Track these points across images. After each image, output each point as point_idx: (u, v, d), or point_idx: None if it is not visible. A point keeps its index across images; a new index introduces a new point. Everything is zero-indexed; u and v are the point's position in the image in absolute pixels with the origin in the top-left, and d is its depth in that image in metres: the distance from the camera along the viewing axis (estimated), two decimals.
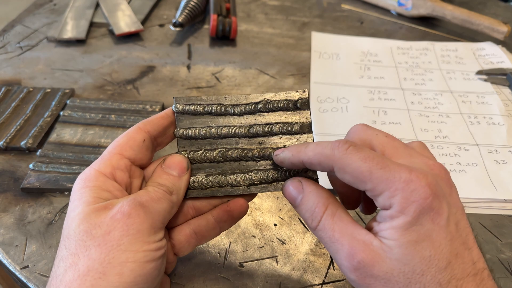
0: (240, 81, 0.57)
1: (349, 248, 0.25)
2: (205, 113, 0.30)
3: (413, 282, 0.24)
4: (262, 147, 0.30)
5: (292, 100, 0.31)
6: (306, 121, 0.30)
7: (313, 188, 0.27)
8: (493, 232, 0.38)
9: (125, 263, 0.24)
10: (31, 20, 0.68)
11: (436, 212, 0.24)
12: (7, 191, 0.40)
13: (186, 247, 0.30)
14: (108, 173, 0.27)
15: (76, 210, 0.26)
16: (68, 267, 0.24)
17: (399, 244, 0.24)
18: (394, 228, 0.24)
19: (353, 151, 0.25)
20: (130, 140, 0.29)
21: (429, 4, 0.71)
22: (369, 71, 0.60)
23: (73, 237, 0.25)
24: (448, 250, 0.24)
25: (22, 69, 0.57)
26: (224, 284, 0.33)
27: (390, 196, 0.24)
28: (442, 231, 0.24)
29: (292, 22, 0.73)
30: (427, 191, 0.24)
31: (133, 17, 0.68)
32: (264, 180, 0.30)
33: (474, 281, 0.24)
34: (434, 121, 0.51)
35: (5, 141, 0.44)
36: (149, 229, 0.25)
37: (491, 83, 0.58)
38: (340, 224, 0.26)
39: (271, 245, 0.36)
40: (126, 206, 0.25)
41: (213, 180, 0.29)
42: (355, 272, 0.25)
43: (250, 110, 0.31)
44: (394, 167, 0.24)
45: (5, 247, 0.35)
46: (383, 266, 0.24)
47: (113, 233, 0.24)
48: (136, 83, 0.55)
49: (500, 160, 0.45)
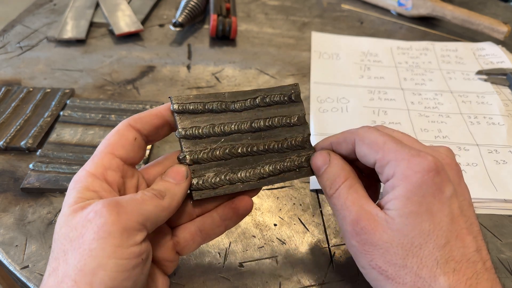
0: (240, 81, 0.57)
1: (355, 215, 0.26)
2: (206, 111, 0.30)
3: (410, 255, 0.25)
4: (265, 141, 0.31)
5: (286, 94, 0.32)
6: (301, 113, 0.32)
7: (338, 161, 0.30)
8: (493, 232, 0.38)
9: (96, 270, 0.22)
10: (31, 20, 0.68)
11: (438, 188, 0.25)
12: (7, 191, 0.40)
13: (191, 245, 0.29)
14: (99, 174, 0.26)
15: (60, 213, 0.25)
16: (51, 272, 0.23)
17: (401, 214, 0.25)
18: (397, 198, 0.25)
19: (374, 130, 0.29)
20: (121, 139, 0.28)
21: (429, 4, 0.71)
22: (369, 71, 0.60)
23: (57, 240, 0.24)
24: (448, 229, 0.25)
25: (22, 69, 0.57)
26: (224, 284, 0.33)
27: (395, 164, 0.26)
28: (443, 208, 0.25)
29: (292, 22, 0.73)
30: (431, 165, 0.25)
31: (133, 17, 0.68)
32: (273, 173, 0.30)
33: (475, 267, 0.24)
34: (434, 121, 0.51)
35: (5, 141, 0.44)
36: (121, 230, 0.23)
37: (491, 83, 0.58)
38: (354, 194, 0.28)
39: (271, 245, 0.36)
40: (100, 204, 0.24)
41: (223, 178, 0.29)
42: (356, 237, 0.26)
43: (250, 105, 0.31)
44: (407, 145, 0.27)
45: (5, 247, 0.35)
46: (383, 235, 0.25)
47: (86, 235, 0.23)
48: (136, 83, 0.55)
49: (500, 160, 0.45)
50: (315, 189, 0.41)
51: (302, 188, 0.42)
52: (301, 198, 0.41)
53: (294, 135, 0.31)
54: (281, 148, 0.31)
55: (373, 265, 0.26)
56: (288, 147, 0.31)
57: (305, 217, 0.39)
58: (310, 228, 0.38)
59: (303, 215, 0.39)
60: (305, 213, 0.39)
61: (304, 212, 0.39)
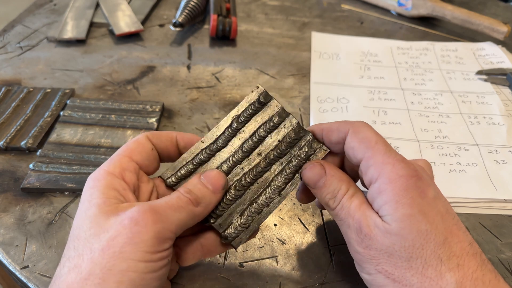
0: (240, 81, 0.57)
1: (359, 223, 0.27)
2: (197, 165, 0.30)
3: (414, 257, 0.25)
4: (263, 156, 0.31)
5: (254, 100, 0.31)
6: (278, 109, 0.31)
7: (335, 172, 0.29)
8: (493, 232, 0.38)
9: (126, 271, 0.23)
10: (31, 20, 0.68)
11: (422, 191, 0.26)
12: (7, 191, 0.40)
13: (190, 259, 0.30)
14: (117, 173, 0.27)
15: (87, 212, 0.26)
16: (72, 268, 0.24)
17: (395, 218, 0.26)
18: (387, 203, 0.26)
19: (370, 127, 0.29)
20: (139, 146, 0.29)
21: (429, 4, 0.71)
22: (369, 71, 0.60)
23: (83, 239, 0.25)
24: (443, 227, 0.26)
25: (22, 69, 0.57)
26: (224, 284, 0.33)
27: (381, 167, 0.27)
28: (432, 208, 0.26)
29: (292, 22, 0.73)
30: (413, 172, 0.26)
31: (133, 17, 0.68)
32: (287, 179, 0.30)
33: (475, 260, 0.25)
34: (434, 121, 0.51)
35: (5, 141, 0.44)
36: (154, 239, 0.24)
37: (491, 83, 0.58)
38: (356, 202, 0.28)
39: (271, 245, 0.36)
40: (135, 212, 0.25)
41: (250, 214, 0.30)
42: (362, 243, 0.27)
43: (229, 134, 0.31)
44: (394, 150, 0.28)
45: (5, 247, 0.35)
46: (385, 240, 0.26)
47: (118, 239, 0.24)
48: (136, 83, 0.55)
49: (500, 160, 0.45)
50: None
51: None
52: None
53: (285, 132, 0.31)
54: (281, 152, 0.31)
55: (379, 269, 0.26)
56: (286, 147, 0.31)
57: (305, 217, 0.39)
58: (310, 228, 0.38)
59: (303, 215, 0.39)
60: (305, 213, 0.39)
61: (304, 212, 0.39)
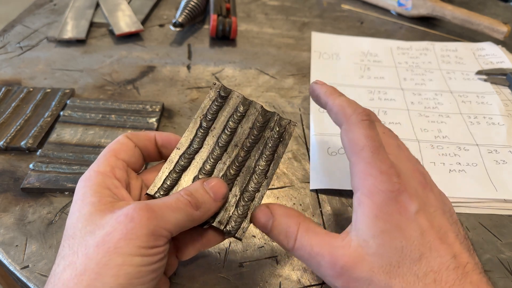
0: (240, 81, 0.57)
1: (330, 257, 0.25)
2: (180, 172, 0.30)
3: (392, 277, 0.24)
4: (240, 146, 0.31)
5: (216, 97, 0.32)
6: (240, 98, 0.32)
7: (282, 211, 0.29)
8: (493, 232, 0.38)
9: (122, 266, 0.23)
10: (31, 20, 0.68)
11: (403, 206, 0.25)
12: (7, 191, 0.40)
13: (190, 251, 0.30)
14: (107, 172, 0.28)
15: (81, 211, 0.26)
16: (68, 265, 0.24)
17: (372, 234, 0.25)
18: (365, 215, 0.25)
19: (364, 125, 0.28)
20: (122, 145, 0.30)
21: (429, 4, 0.71)
22: (369, 71, 0.60)
23: (78, 237, 0.25)
24: (420, 243, 0.25)
25: (22, 69, 0.57)
26: (224, 284, 0.33)
27: (363, 178, 0.26)
28: (410, 224, 0.25)
29: (292, 22, 0.73)
30: (395, 186, 0.26)
31: (133, 17, 0.68)
32: (269, 160, 0.31)
33: (455, 274, 0.24)
34: (434, 121, 0.51)
35: (5, 141, 0.44)
36: (148, 235, 0.24)
37: (491, 83, 0.58)
38: (316, 237, 0.27)
39: (271, 245, 0.36)
40: (131, 209, 0.25)
41: (245, 203, 0.30)
42: (340, 278, 0.25)
43: (202, 134, 0.31)
44: (382, 157, 0.27)
45: (5, 247, 0.35)
46: (364, 265, 0.25)
47: (113, 234, 0.24)
48: (136, 83, 0.55)
49: (500, 160, 0.45)
50: (315, 189, 0.41)
51: (302, 188, 0.42)
52: (301, 198, 0.41)
53: (253, 119, 0.32)
54: (255, 137, 0.31)
55: None
56: (258, 131, 0.31)
57: None
58: None
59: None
60: (305, 213, 0.39)
61: (304, 212, 0.39)
